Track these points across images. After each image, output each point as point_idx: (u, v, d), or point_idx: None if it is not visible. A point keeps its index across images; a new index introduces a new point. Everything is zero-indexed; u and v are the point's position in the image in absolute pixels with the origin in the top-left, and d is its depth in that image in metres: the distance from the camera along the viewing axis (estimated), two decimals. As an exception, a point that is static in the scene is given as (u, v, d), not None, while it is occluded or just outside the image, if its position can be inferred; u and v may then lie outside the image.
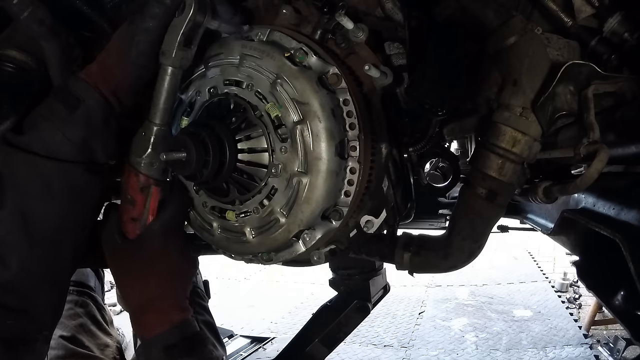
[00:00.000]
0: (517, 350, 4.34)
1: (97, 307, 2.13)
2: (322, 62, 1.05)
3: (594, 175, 1.02)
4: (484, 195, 1.16)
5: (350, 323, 1.83)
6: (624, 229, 1.26)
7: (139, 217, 1.02)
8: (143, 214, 1.02)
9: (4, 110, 1.25)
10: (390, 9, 1.17)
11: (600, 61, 1.10)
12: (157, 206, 1.03)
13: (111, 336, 2.10)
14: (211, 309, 2.10)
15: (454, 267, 1.24)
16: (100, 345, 1.99)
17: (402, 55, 1.20)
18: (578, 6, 1.08)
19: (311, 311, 2.00)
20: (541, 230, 2.06)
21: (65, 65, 1.25)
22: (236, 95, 1.05)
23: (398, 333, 4.87)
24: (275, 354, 1.93)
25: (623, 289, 1.48)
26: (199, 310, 1.91)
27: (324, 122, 0.99)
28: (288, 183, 1.02)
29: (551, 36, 1.13)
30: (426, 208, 2.31)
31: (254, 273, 7.04)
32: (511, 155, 1.13)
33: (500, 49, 1.14)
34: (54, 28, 1.16)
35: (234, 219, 1.10)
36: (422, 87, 1.12)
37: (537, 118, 1.11)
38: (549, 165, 1.52)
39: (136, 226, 1.02)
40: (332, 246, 1.19)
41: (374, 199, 1.18)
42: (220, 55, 1.10)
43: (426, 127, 1.34)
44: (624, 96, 1.13)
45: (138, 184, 1.00)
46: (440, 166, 1.87)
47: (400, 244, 1.27)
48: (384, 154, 1.16)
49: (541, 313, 5.11)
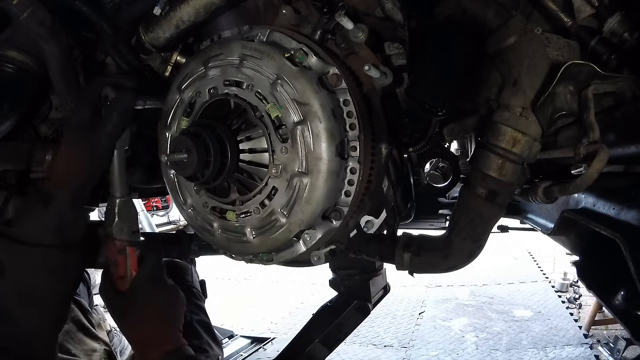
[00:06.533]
0: (517, 350, 4.34)
1: (83, 311, 2.14)
2: (322, 62, 1.05)
3: (594, 175, 1.02)
4: (484, 195, 1.16)
5: (350, 323, 1.83)
6: (624, 229, 1.26)
7: (124, 274, 1.19)
8: (127, 271, 1.19)
9: (4, 110, 1.26)
10: (390, 9, 1.17)
11: (600, 61, 1.10)
12: (136, 262, 1.19)
13: (99, 340, 2.09)
14: (211, 309, 2.10)
15: (454, 267, 1.24)
16: (87, 351, 1.99)
17: (402, 55, 1.20)
18: (578, 6, 1.08)
19: (311, 311, 2.00)
20: (541, 230, 2.06)
21: (65, 66, 1.25)
22: (236, 96, 1.05)
23: (398, 333, 4.87)
24: (275, 354, 1.93)
25: (623, 289, 1.48)
26: (195, 310, 1.92)
27: (325, 123, 1.00)
28: (288, 183, 1.02)
29: (551, 36, 1.13)
30: (426, 208, 2.31)
31: (254, 273, 7.04)
32: (511, 156, 1.13)
33: (500, 49, 1.14)
34: (54, 29, 1.17)
35: (234, 219, 1.10)
36: (422, 87, 1.12)
37: (537, 118, 1.11)
38: (549, 165, 1.52)
39: (124, 282, 1.19)
40: (332, 246, 1.19)
41: (374, 199, 1.18)
42: (220, 55, 1.10)
43: (426, 127, 1.34)
44: (624, 96, 1.13)
45: (115, 248, 1.18)
46: (440, 166, 1.87)
47: (400, 244, 1.27)
48: (384, 154, 1.16)
49: (541, 313, 5.11)
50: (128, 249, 1.19)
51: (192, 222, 1.21)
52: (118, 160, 1.18)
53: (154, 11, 1.25)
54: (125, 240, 1.19)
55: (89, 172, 1.13)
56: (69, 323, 2.02)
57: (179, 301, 1.26)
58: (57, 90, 1.30)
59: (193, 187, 1.16)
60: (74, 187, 1.10)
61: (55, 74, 1.25)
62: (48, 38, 1.17)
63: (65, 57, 1.23)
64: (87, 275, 2.53)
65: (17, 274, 1.06)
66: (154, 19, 1.26)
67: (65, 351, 1.90)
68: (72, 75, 1.29)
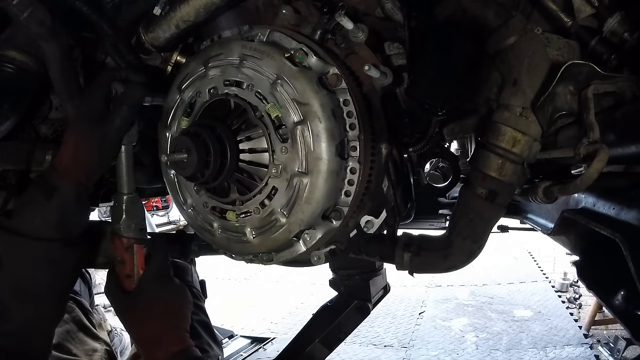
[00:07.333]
0: (517, 350, 4.34)
1: (84, 311, 2.14)
2: (322, 62, 1.05)
3: (594, 175, 1.02)
4: (484, 195, 1.16)
5: (350, 323, 1.83)
6: (624, 229, 1.26)
7: (131, 273, 1.17)
8: (134, 270, 1.17)
9: (4, 110, 1.26)
10: (390, 9, 1.17)
11: (600, 61, 1.09)
12: (144, 261, 1.18)
13: (99, 340, 2.09)
14: (211, 309, 2.10)
15: (454, 267, 1.24)
16: (87, 351, 1.99)
17: (402, 55, 1.20)
18: (578, 6, 1.08)
19: (311, 311, 2.00)
20: (541, 230, 2.06)
21: (65, 66, 1.25)
22: (236, 96, 1.05)
23: (398, 333, 4.87)
24: (276, 354, 1.93)
25: (623, 289, 1.48)
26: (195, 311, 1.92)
27: (325, 123, 1.00)
28: (288, 183, 1.02)
29: (551, 36, 1.13)
30: (426, 208, 2.31)
31: (254, 273, 7.04)
32: (511, 155, 1.13)
33: (500, 49, 1.14)
34: (54, 29, 1.17)
35: (234, 219, 1.10)
36: (422, 87, 1.12)
37: (537, 118, 1.11)
38: (549, 165, 1.52)
39: (131, 281, 1.18)
40: (332, 246, 1.19)
41: (374, 199, 1.18)
42: (220, 55, 1.10)
43: (426, 127, 1.34)
44: (624, 96, 1.13)
45: (122, 245, 1.16)
46: (440, 166, 1.88)
47: (400, 244, 1.27)
48: (384, 154, 1.16)
49: (541, 313, 5.10)
50: (135, 246, 1.17)
51: (192, 222, 1.21)
52: (126, 156, 1.16)
53: (154, 11, 1.25)
54: (132, 238, 1.17)
55: (97, 162, 1.10)
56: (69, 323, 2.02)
57: (187, 301, 1.24)
58: (57, 90, 1.30)
59: (193, 187, 1.16)
60: (80, 179, 1.08)
61: (55, 74, 1.25)
62: (48, 38, 1.17)
63: (65, 57, 1.23)
64: (88, 274, 2.52)
65: (15, 268, 1.03)
66: (154, 19, 1.26)
67: (66, 351, 1.90)
68: (72, 75, 1.29)
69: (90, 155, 1.09)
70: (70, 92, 1.30)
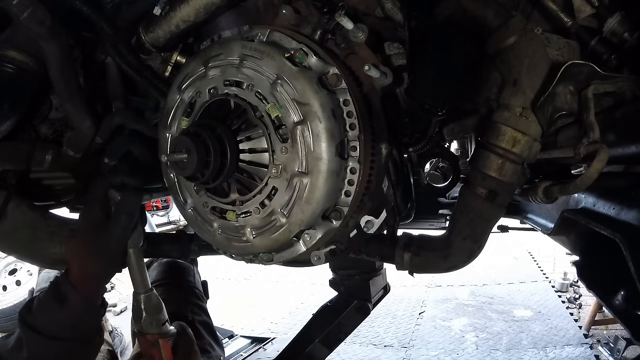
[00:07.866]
0: (517, 350, 4.33)
1: None
2: (322, 62, 1.05)
3: (594, 175, 1.02)
4: (484, 195, 1.16)
5: (350, 323, 1.83)
6: (624, 229, 1.26)
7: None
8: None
9: (4, 110, 1.26)
10: (390, 9, 1.17)
11: (600, 61, 1.10)
12: (171, 353, 1.24)
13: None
14: (212, 309, 2.10)
15: (454, 267, 1.24)
16: None
17: (402, 55, 1.20)
18: (578, 6, 1.08)
19: (311, 311, 2.00)
20: (541, 230, 2.06)
21: (65, 66, 1.25)
22: (236, 96, 1.05)
23: (398, 333, 4.86)
24: (276, 354, 1.93)
25: (623, 289, 1.48)
26: (197, 311, 1.92)
27: (324, 123, 0.99)
28: (288, 183, 1.02)
29: (551, 36, 1.13)
30: (426, 208, 2.31)
31: (254, 273, 7.04)
32: (511, 155, 1.13)
33: (500, 49, 1.14)
34: (54, 29, 1.17)
35: (234, 219, 1.10)
36: (422, 87, 1.12)
37: (537, 118, 1.11)
38: (549, 165, 1.52)
39: None
40: (332, 246, 1.19)
41: (374, 199, 1.18)
42: (220, 55, 1.10)
43: (426, 127, 1.34)
44: (624, 96, 1.13)
45: (148, 342, 1.23)
46: (440, 166, 1.88)
47: (400, 244, 1.27)
48: (384, 154, 1.16)
49: (541, 313, 5.10)
50: (161, 341, 1.22)
51: (192, 222, 1.21)
52: (135, 258, 1.22)
53: (154, 11, 1.25)
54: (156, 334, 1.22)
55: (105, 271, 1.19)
56: None
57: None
58: (57, 90, 1.30)
59: (193, 187, 1.16)
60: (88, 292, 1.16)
61: (55, 74, 1.25)
62: (48, 38, 1.17)
63: (65, 57, 1.23)
64: None
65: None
66: (154, 19, 1.26)
67: None
68: (72, 75, 1.29)
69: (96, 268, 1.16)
70: (70, 92, 1.31)
